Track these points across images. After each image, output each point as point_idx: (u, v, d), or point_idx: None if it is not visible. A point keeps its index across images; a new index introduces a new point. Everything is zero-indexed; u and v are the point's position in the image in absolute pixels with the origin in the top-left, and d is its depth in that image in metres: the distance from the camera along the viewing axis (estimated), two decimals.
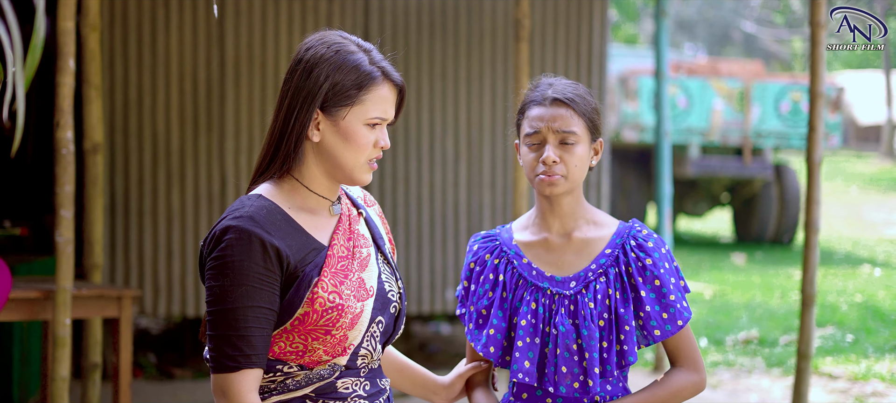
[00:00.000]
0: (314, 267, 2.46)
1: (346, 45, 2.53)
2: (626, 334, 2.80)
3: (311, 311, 2.44)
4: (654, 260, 2.85)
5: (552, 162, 2.81)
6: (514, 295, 2.89)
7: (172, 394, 7.17)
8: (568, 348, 2.81)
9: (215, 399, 2.42)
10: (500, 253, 2.93)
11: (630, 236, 2.88)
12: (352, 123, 2.50)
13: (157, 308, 7.67)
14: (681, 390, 2.86)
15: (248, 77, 7.72)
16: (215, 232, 2.44)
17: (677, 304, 2.83)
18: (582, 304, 2.82)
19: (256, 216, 2.43)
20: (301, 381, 2.49)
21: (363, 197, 2.75)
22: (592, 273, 2.85)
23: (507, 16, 8.03)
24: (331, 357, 2.48)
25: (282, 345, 2.47)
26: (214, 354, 2.41)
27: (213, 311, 2.41)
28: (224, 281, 2.39)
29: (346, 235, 2.56)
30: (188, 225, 7.66)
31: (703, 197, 16.31)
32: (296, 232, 2.47)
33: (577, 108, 2.85)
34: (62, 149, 4.77)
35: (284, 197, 2.52)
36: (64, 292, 4.72)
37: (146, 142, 7.60)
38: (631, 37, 30.63)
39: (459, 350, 8.38)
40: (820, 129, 5.76)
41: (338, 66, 2.49)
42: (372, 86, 2.51)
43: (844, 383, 7.73)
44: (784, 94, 15.42)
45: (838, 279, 12.48)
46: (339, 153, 2.51)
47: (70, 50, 4.76)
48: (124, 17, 7.55)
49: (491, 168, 8.08)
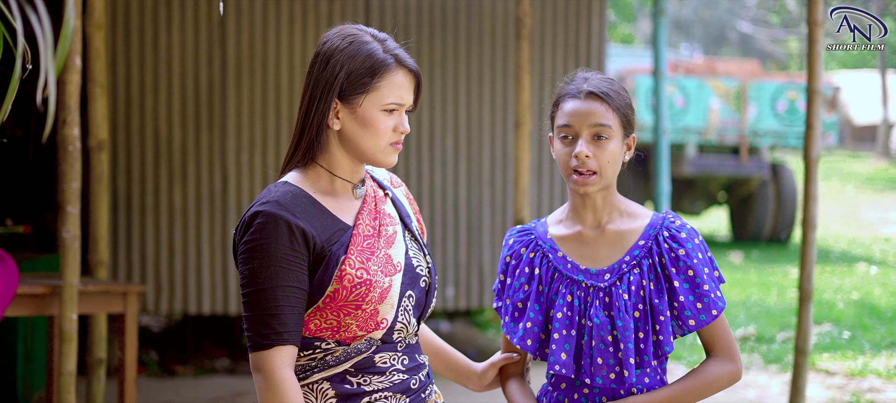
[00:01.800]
0: (340, 246, 2.57)
1: (360, 36, 2.63)
2: (661, 324, 2.82)
3: (340, 288, 2.55)
4: (687, 250, 2.86)
5: (585, 156, 2.82)
6: (550, 288, 2.91)
7: (175, 391, 7.20)
8: (603, 340, 2.83)
9: (253, 376, 2.54)
10: (536, 247, 2.96)
11: (663, 227, 2.90)
12: (368, 110, 2.60)
13: (159, 305, 7.71)
14: (716, 379, 2.87)
15: (250, 76, 7.76)
16: (245, 219, 2.56)
17: (711, 294, 2.84)
18: (616, 296, 2.84)
19: (282, 200, 2.55)
20: (340, 357, 2.61)
21: (390, 179, 2.86)
22: (626, 264, 2.87)
23: (507, 15, 8.07)
24: (365, 331, 2.59)
25: (317, 323, 2.58)
26: (250, 333, 2.53)
27: (246, 293, 2.54)
28: (254, 263, 2.52)
29: (372, 215, 2.67)
30: (190, 222, 7.70)
31: (700, 195, 16.36)
32: (321, 214, 2.59)
33: (612, 103, 2.86)
34: (68, 146, 4.81)
35: (310, 182, 2.64)
36: (71, 287, 4.76)
37: (148, 139, 7.64)
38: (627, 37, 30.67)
39: (460, 347, 8.39)
40: (817, 127, 5.81)
41: (352, 55, 2.60)
42: (386, 73, 2.60)
43: (841, 379, 7.78)
44: (780, 94, 15.47)
45: (835, 277, 12.53)
46: (360, 139, 2.62)
47: (76, 48, 4.80)
48: (127, 16, 7.59)
49: (491, 166, 8.12)
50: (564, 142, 2.87)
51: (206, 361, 8.02)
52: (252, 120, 7.77)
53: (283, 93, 7.82)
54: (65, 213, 4.81)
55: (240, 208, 7.76)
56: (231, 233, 7.67)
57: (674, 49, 31.89)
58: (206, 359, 8.06)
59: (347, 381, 2.61)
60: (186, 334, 8.38)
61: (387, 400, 2.64)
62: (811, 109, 5.81)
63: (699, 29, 36.44)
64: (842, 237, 16.65)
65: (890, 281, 12.19)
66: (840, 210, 20.14)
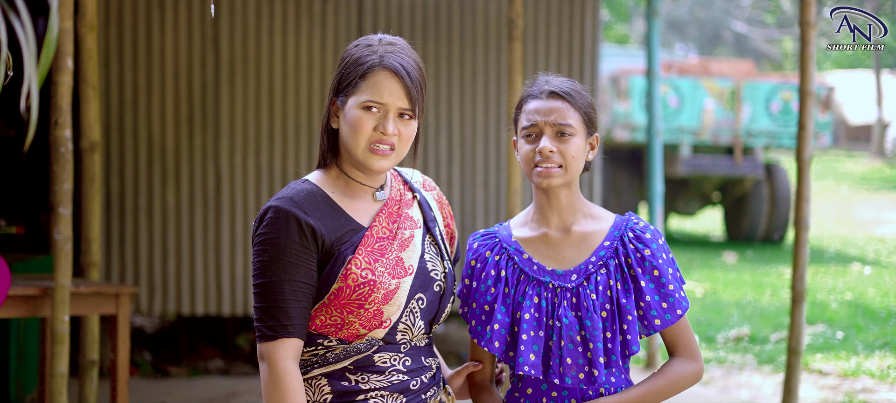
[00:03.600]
0: (350, 246, 2.63)
1: (367, 41, 2.71)
2: (628, 324, 2.84)
3: (344, 286, 2.61)
4: (652, 250, 2.89)
5: (549, 151, 2.84)
6: (516, 290, 2.91)
7: (168, 392, 7.20)
8: (572, 340, 2.84)
9: (259, 365, 2.61)
10: (501, 250, 2.96)
11: (628, 228, 2.92)
12: (351, 108, 2.66)
13: (153, 306, 7.71)
14: (681, 379, 2.91)
15: (243, 77, 7.76)
16: (260, 213, 2.64)
17: (676, 294, 2.88)
18: (584, 296, 2.86)
19: (296, 198, 2.63)
20: (340, 354, 2.66)
21: (422, 182, 2.91)
22: (593, 265, 2.89)
23: (500, 15, 8.07)
24: (367, 330, 2.63)
25: (322, 319, 2.64)
26: (257, 324, 2.60)
27: (257, 285, 2.61)
28: (264, 256, 2.60)
29: (391, 218, 2.73)
30: (183, 224, 7.69)
31: (695, 196, 16.37)
32: (336, 213, 2.66)
33: (574, 102, 2.89)
34: (60, 147, 4.80)
35: (330, 183, 2.71)
36: (62, 289, 4.75)
37: (141, 141, 7.63)
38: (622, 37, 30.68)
39: (452, 348, 8.42)
40: (809, 127, 5.82)
41: (350, 58, 2.68)
42: (369, 73, 2.66)
43: (834, 379, 7.78)
44: (775, 94, 15.49)
45: (829, 277, 12.54)
46: (346, 138, 2.68)
47: (68, 49, 4.79)
48: (120, 17, 7.59)
49: (484, 167, 8.13)
50: (528, 140, 2.90)
51: (199, 362, 8.01)
52: (245, 121, 7.77)
53: (277, 94, 7.82)
54: (57, 215, 4.80)
55: (233, 209, 7.76)
56: (225, 234, 7.68)
57: (669, 49, 31.92)
58: (200, 360, 8.06)
59: (346, 378, 2.65)
60: (180, 335, 8.37)
61: (383, 399, 2.66)
62: (804, 110, 5.83)
63: (694, 29, 36.45)
64: (836, 237, 16.66)
65: (884, 282, 12.20)
66: (834, 210, 20.15)
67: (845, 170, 26.63)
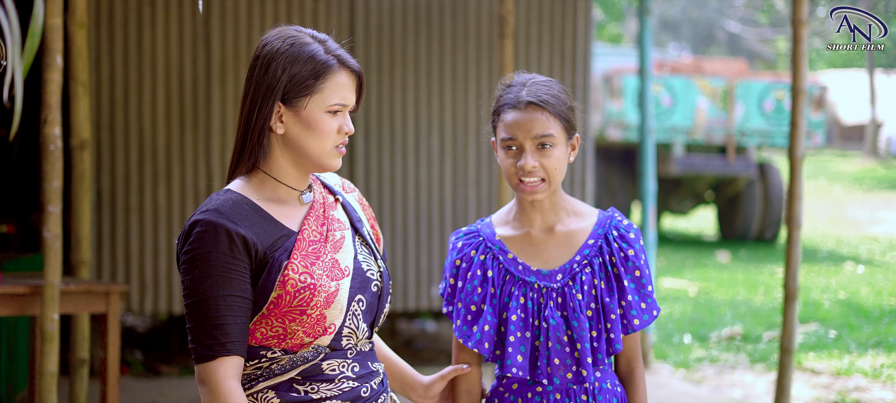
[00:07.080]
0: (284, 252, 2.53)
1: (300, 37, 2.60)
2: (612, 323, 2.84)
3: (284, 293, 2.50)
4: (635, 250, 2.89)
5: (531, 167, 2.82)
6: (502, 290, 2.90)
7: (159, 391, 7.18)
8: (559, 340, 2.84)
9: (199, 389, 2.49)
10: (485, 249, 2.94)
11: (612, 226, 2.92)
12: (313, 112, 2.57)
13: (144, 305, 7.69)
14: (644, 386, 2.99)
15: (234, 75, 7.74)
16: (185, 229, 2.52)
17: (652, 295, 2.90)
18: (570, 296, 2.85)
19: (222, 208, 2.51)
20: (286, 365, 2.55)
21: (341, 184, 2.81)
22: (577, 264, 2.88)
23: (492, 13, 8.06)
24: (312, 337, 2.54)
25: (263, 331, 2.53)
26: (194, 345, 2.49)
27: (189, 303, 2.49)
28: (195, 272, 2.48)
29: (320, 221, 2.63)
30: (174, 222, 7.67)
31: (688, 195, 16.38)
32: (265, 221, 2.55)
33: (552, 110, 2.86)
34: (50, 145, 4.78)
35: (254, 189, 2.60)
36: (52, 287, 4.73)
37: (132, 139, 7.61)
38: (615, 36, 30.70)
39: (445, 347, 8.41)
40: (802, 126, 5.82)
41: (294, 58, 2.56)
42: (329, 75, 2.57)
43: (827, 378, 7.79)
44: (768, 93, 15.50)
45: (822, 276, 12.55)
46: (304, 142, 2.58)
47: (58, 46, 4.77)
48: (110, 14, 7.56)
49: (476, 165, 8.11)
50: (509, 153, 2.88)
51: (190, 361, 7.99)
52: (236, 119, 7.74)
53: None
54: (46, 213, 4.78)
55: None
56: None
57: (661, 48, 31.93)
58: (191, 359, 8.04)
59: (294, 389, 2.55)
60: (171, 334, 8.36)
61: None
62: (796, 109, 5.82)
63: (687, 28, 36.49)
64: (829, 236, 16.69)
65: (876, 281, 12.21)
66: (828, 209, 20.19)
67: (838, 170, 26.67)
